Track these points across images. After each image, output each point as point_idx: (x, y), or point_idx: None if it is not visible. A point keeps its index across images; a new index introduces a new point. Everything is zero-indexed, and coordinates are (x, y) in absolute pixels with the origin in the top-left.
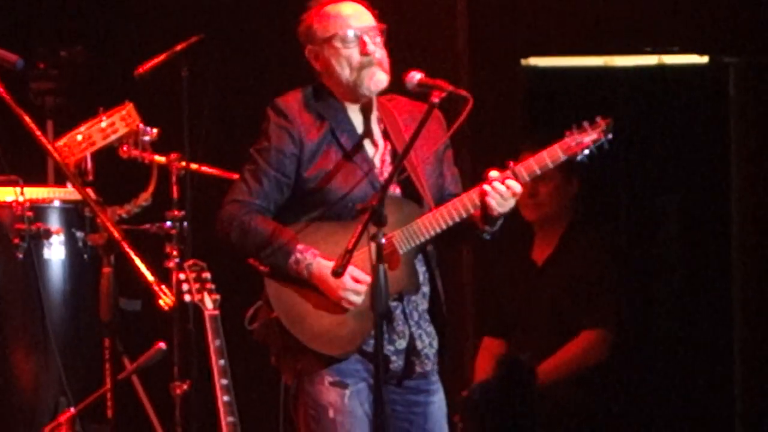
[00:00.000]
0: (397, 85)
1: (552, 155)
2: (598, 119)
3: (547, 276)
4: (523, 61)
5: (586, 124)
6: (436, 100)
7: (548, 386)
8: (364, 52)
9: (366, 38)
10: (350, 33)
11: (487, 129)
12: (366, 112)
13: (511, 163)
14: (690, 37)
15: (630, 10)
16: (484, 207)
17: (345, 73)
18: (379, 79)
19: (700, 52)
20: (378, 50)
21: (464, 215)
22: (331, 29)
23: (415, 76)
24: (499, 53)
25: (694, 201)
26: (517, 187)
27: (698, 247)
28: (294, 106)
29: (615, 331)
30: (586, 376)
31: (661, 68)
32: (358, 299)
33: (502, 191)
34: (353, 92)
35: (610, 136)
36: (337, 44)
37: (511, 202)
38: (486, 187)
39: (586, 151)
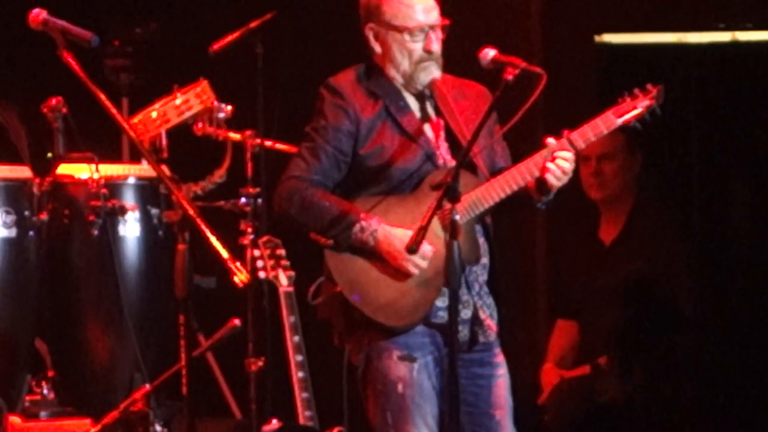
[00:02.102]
0: (470, 62)
1: (606, 121)
2: (649, 86)
3: (615, 255)
4: (597, 38)
5: (637, 90)
6: (509, 77)
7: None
8: (428, 48)
9: (432, 35)
10: (419, 28)
11: (560, 106)
12: (414, 92)
13: (566, 131)
14: (764, 13)
15: None
16: (542, 181)
17: (404, 64)
18: (434, 76)
19: None
20: (439, 48)
21: (522, 184)
22: (400, 18)
23: (489, 53)
24: (572, 30)
25: (766, 178)
26: (572, 158)
27: None
28: (347, 85)
29: (692, 313)
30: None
31: (735, 45)
32: (424, 263)
33: (564, 167)
34: (406, 82)
35: (661, 101)
36: (405, 36)
37: (569, 175)
38: (549, 165)
39: (639, 118)
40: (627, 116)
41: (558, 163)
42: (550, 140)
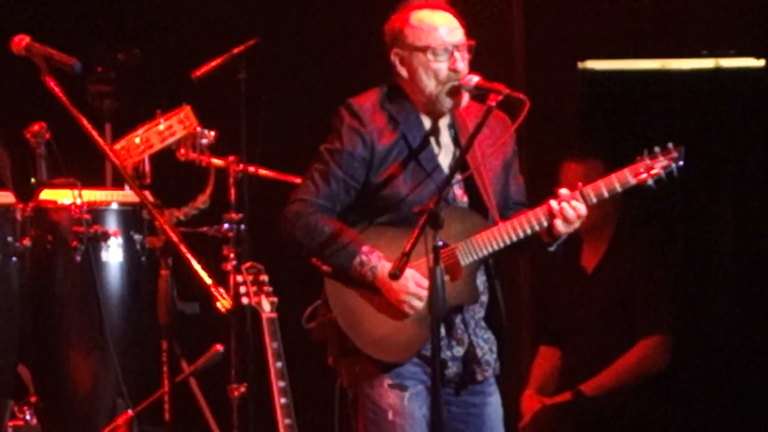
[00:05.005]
0: None
1: (621, 179)
2: (670, 146)
3: (597, 282)
4: (580, 64)
5: (657, 149)
6: (493, 103)
7: (608, 394)
8: (453, 67)
9: (457, 54)
10: (443, 47)
11: (543, 132)
12: (438, 118)
13: (580, 184)
14: (746, 40)
15: (686, 13)
16: (550, 225)
17: (430, 84)
18: (463, 104)
19: (757, 56)
20: (465, 68)
21: (529, 232)
22: (424, 39)
23: (473, 79)
24: (555, 56)
25: (749, 203)
26: (583, 210)
27: (754, 250)
28: (368, 108)
29: (674, 337)
30: (646, 383)
31: (718, 71)
32: (419, 304)
33: (569, 215)
34: (432, 104)
35: (681, 163)
36: (429, 56)
37: (576, 225)
38: (554, 204)
39: (654, 178)
40: (643, 176)
41: (564, 207)
42: (563, 191)
